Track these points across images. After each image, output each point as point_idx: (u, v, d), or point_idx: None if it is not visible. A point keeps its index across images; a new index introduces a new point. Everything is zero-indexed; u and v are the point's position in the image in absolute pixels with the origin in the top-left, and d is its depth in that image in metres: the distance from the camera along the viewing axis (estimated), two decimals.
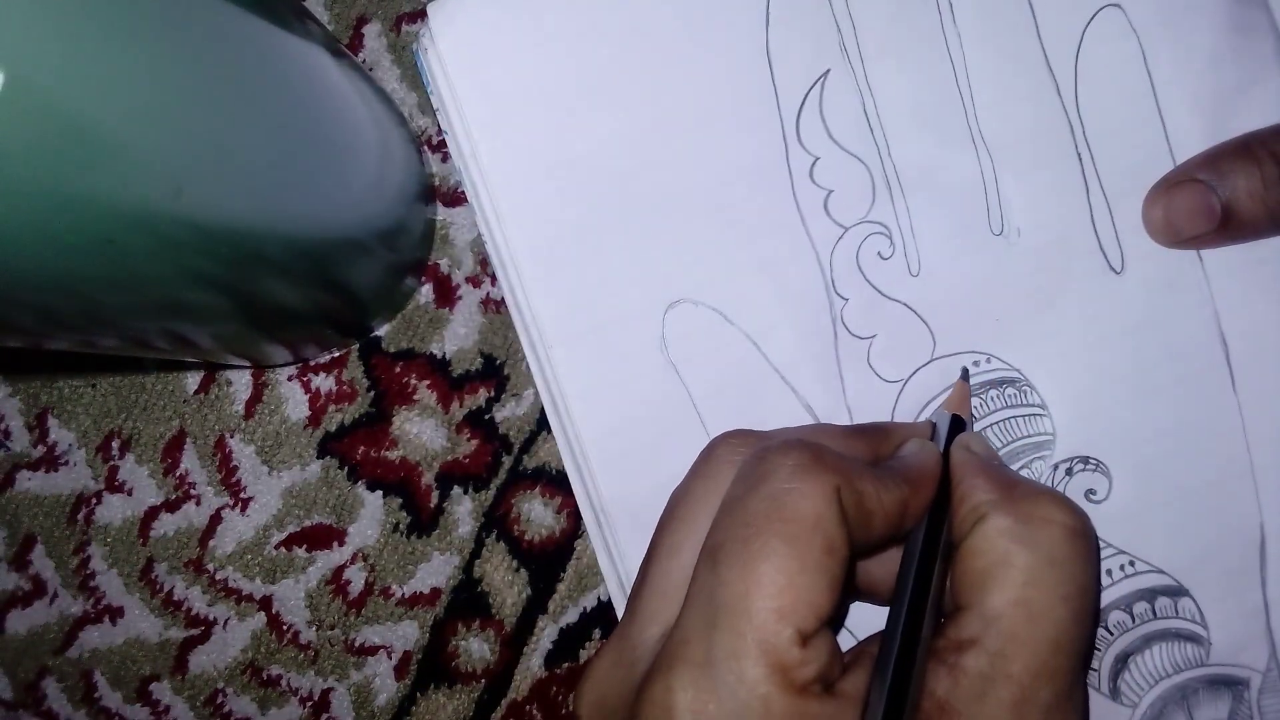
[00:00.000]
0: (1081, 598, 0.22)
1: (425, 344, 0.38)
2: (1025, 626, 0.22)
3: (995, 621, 0.22)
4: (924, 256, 0.30)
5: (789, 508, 0.21)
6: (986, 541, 0.23)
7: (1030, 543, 0.22)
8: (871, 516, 0.22)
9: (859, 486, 0.22)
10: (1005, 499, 0.23)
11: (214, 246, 0.25)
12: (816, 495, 0.21)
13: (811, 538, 0.21)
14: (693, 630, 0.21)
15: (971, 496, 0.24)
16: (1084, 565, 0.22)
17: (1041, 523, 0.23)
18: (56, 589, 0.39)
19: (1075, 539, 0.23)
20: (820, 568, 0.21)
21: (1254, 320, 0.29)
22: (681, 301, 0.30)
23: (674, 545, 0.24)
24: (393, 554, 0.38)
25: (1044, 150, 0.29)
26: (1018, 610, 0.22)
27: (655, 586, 0.24)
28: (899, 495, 0.23)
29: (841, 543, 0.21)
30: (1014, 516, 0.23)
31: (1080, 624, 0.22)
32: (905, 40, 0.30)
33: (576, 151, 0.30)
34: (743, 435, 0.25)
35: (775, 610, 0.20)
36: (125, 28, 0.20)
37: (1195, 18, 0.29)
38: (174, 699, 0.39)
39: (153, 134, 0.21)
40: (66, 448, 0.39)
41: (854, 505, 0.22)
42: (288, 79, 0.27)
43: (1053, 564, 0.22)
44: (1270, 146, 0.27)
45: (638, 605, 0.24)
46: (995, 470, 0.25)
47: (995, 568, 0.22)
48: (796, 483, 0.22)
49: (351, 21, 0.38)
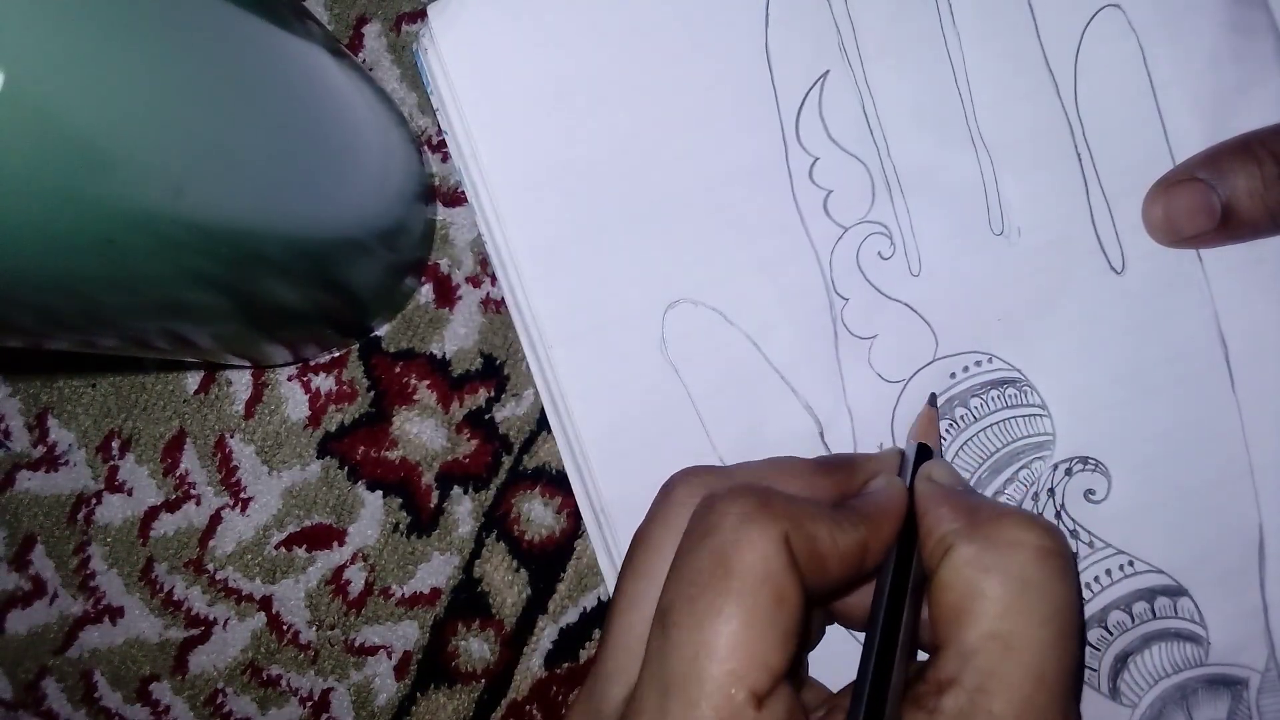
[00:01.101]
0: (1060, 619, 0.21)
1: (425, 344, 0.38)
2: (1003, 660, 0.21)
3: (972, 658, 0.21)
4: (924, 256, 0.30)
5: (733, 561, 0.21)
6: (954, 573, 0.22)
7: (999, 569, 0.21)
8: (825, 560, 0.22)
9: (810, 530, 0.21)
10: (969, 526, 0.22)
11: (214, 246, 0.25)
12: (762, 544, 0.21)
13: (759, 591, 0.20)
14: (647, 700, 0.21)
15: (937, 528, 0.23)
16: (1059, 585, 0.22)
17: (1009, 547, 0.22)
18: (56, 589, 0.39)
19: (1047, 559, 0.22)
20: (771, 622, 0.20)
21: (1254, 320, 0.29)
22: (681, 301, 0.30)
23: (634, 596, 0.24)
24: (393, 554, 0.38)
25: (1044, 150, 0.29)
26: (993, 644, 0.21)
27: (617, 642, 0.23)
28: (856, 537, 0.22)
29: (792, 591, 0.21)
30: (980, 543, 0.22)
31: (1063, 648, 0.21)
32: (905, 40, 0.30)
33: (577, 151, 0.30)
34: (700, 473, 0.25)
35: (727, 674, 0.20)
36: (125, 28, 0.20)
37: (1195, 18, 0.29)
38: (174, 699, 0.39)
39: (153, 134, 0.21)
40: (66, 448, 0.39)
41: (806, 550, 0.21)
42: (288, 79, 0.27)
43: (1026, 589, 0.21)
44: (1270, 146, 0.27)
45: (601, 663, 0.24)
46: (959, 497, 0.24)
47: (967, 600, 0.21)
48: (742, 533, 0.21)
49: (351, 21, 0.38)
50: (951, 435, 0.30)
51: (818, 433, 0.30)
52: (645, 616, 0.23)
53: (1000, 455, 0.30)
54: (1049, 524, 0.22)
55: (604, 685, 0.23)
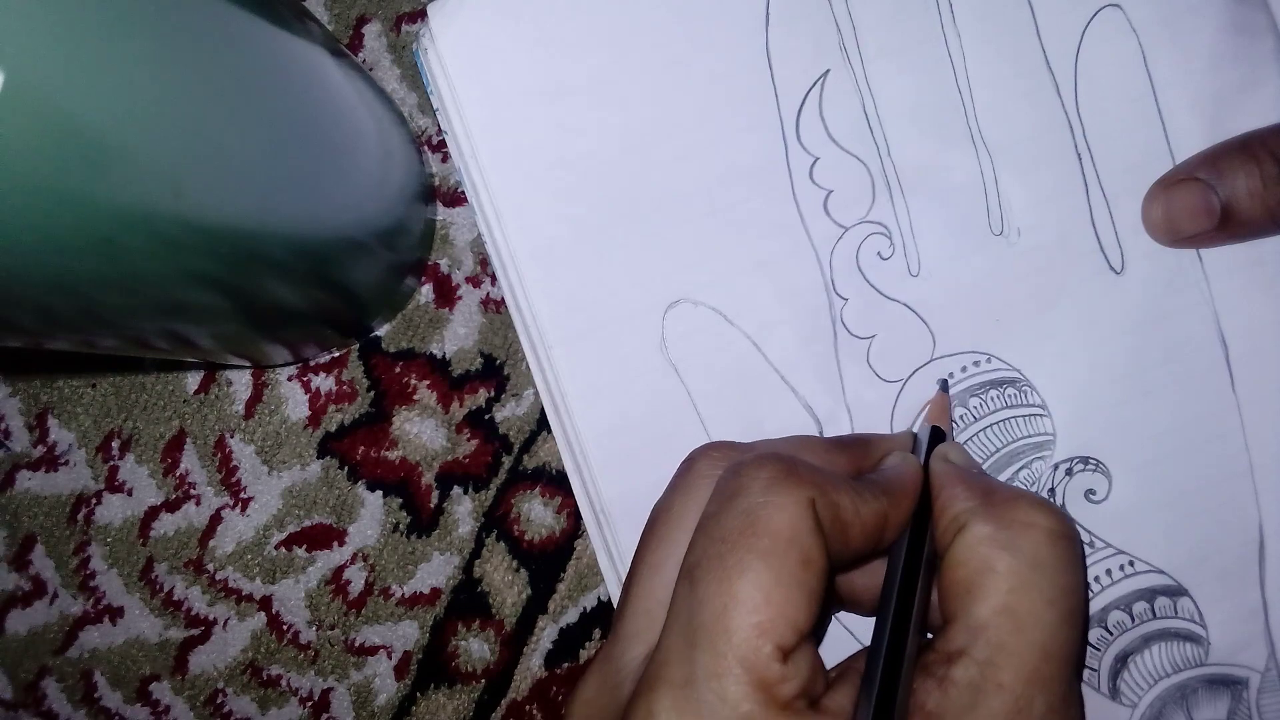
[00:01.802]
0: (1068, 600, 0.22)
1: (425, 344, 0.38)
2: (1012, 634, 0.21)
3: (982, 631, 0.21)
4: (924, 256, 0.30)
5: (763, 522, 0.21)
6: (968, 550, 0.22)
7: (1012, 548, 0.22)
8: (848, 528, 0.22)
9: (834, 498, 0.22)
10: (984, 506, 0.23)
11: (214, 246, 0.25)
12: (790, 508, 0.21)
13: (787, 552, 0.21)
14: (673, 651, 0.21)
15: (951, 506, 0.24)
16: (1069, 567, 0.22)
17: (1022, 527, 0.22)
18: (56, 589, 0.39)
19: (1058, 541, 0.22)
20: (797, 582, 0.21)
21: (1253, 320, 0.29)
22: (681, 301, 0.30)
23: (655, 563, 0.24)
24: (393, 554, 0.38)
25: (1044, 150, 0.29)
26: (1004, 618, 0.21)
27: (637, 606, 0.24)
28: (877, 508, 0.23)
29: (818, 555, 0.21)
30: (994, 523, 0.23)
31: (1069, 627, 0.22)
32: (905, 40, 0.30)
33: (576, 151, 0.30)
34: (721, 448, 0.25)
35: (754, 627, 0.20)
36: (125, 28, 0.20)
37: (1195, 18, 0.29)
38: (174, 699, 0.39)
39: (152, 134, 0.21)
40: (66, 448, 0.39)
41: (830, 517, 0.22)
42: (288, 79, 0.27)
43: (1036, 568, 0.22)
44: (1270, 145, 0.27)
45: (621, 625, 0.24)
46: (974, 478, 0.25)
47: (978, 576, 0.22)
48: (770, 496, 0.21)
49: (351, 21, 0.38)
50: (951, 435, 0.30)
51: (817, 432, 0.30)
52: (667, 581, 0.23)
53: (1000, 455, 0.30)
54: (1060, 509, 0.23)
55: (623, 646, 0.23)
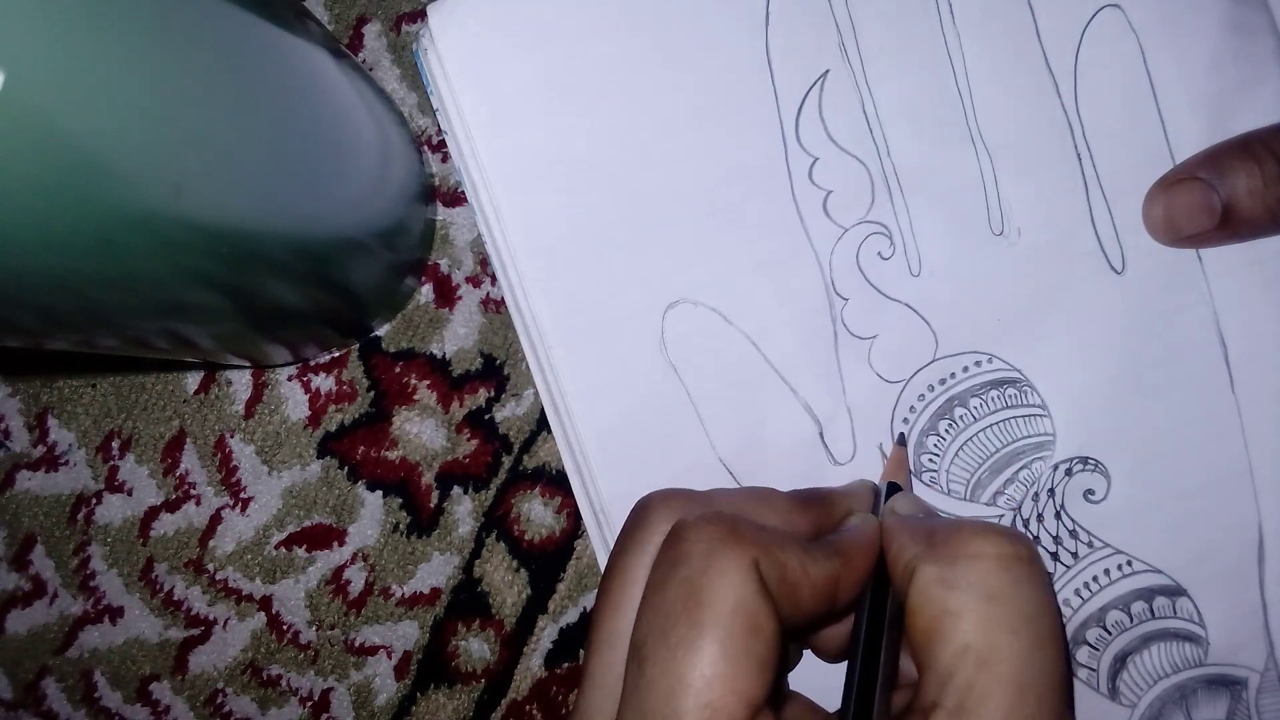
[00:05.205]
0: (1034, 626, 0.21)
1: (425, 344, 0.38)
2: (979, 674, 0.20)
3: (949, 678, 0.20)
4: (924, 256, 0.30)
5: (705, 591, 0.20)
6: (920, 596, 0.21)
7: (962, 584, 0.21)
8: (797, 589, 0.21)
9: (780, 558, 0.21)
10: (927, 548, 0.22)
11: (213, 246, 0.25)
12: (731, 573, 0.20)
13: (731, 621, 0.20)
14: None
15: (901, 556, 0.23)
16: (1027, 590, 0.21)
17: (968, 560, 0.21)
18: (56, 589, 0.39)
19: (1011, 566, 0.21)
20: (745, 652, 0.20)
21: (1253, 320, 0.29)
22: (681, 301, 0.30)
23: (610, 634, 0.23)
24: (393, 554, 0.38)
25: (1044, 150, 0.29)
26: (966, 659, 0.20)
27: (595, 681, 0.23)
28: (829, 568, 0.22)
29: (766, 620, 0.20)
30: (939, 562, 0.22)
31: (1042, 653, 0.21)
32: (905, 40, 0.30)
33: (576, 151, 0.30)
34: (673, 499, 0.24)
35: (703, 709, 0.19)
36: (125, 28, 0.20)
37: (1195, 18, 0.29)
38: (174, 699, 0.39)
39: (152, 134, 0.21)
40: (66, 448, 0.39)
41: (776, 578, 0.21)
42: (288, 80, 0.27)
43: (990, 599, 0.21)
44: (1270, 145, 0.27)
45: (582, 701, 0.23)
46: (918, 523, 0.24)
47: (935, 621, 0.21)
48: (711, 562, 0.21)
49: (351, 21, 0.38)
50: (951, 435, 0.30)
51: (817, 433, 0.30)
52: (622, 652, 0.22)
53: (1000, 455, 0.30)
54: (1010, 531, 0.22)
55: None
